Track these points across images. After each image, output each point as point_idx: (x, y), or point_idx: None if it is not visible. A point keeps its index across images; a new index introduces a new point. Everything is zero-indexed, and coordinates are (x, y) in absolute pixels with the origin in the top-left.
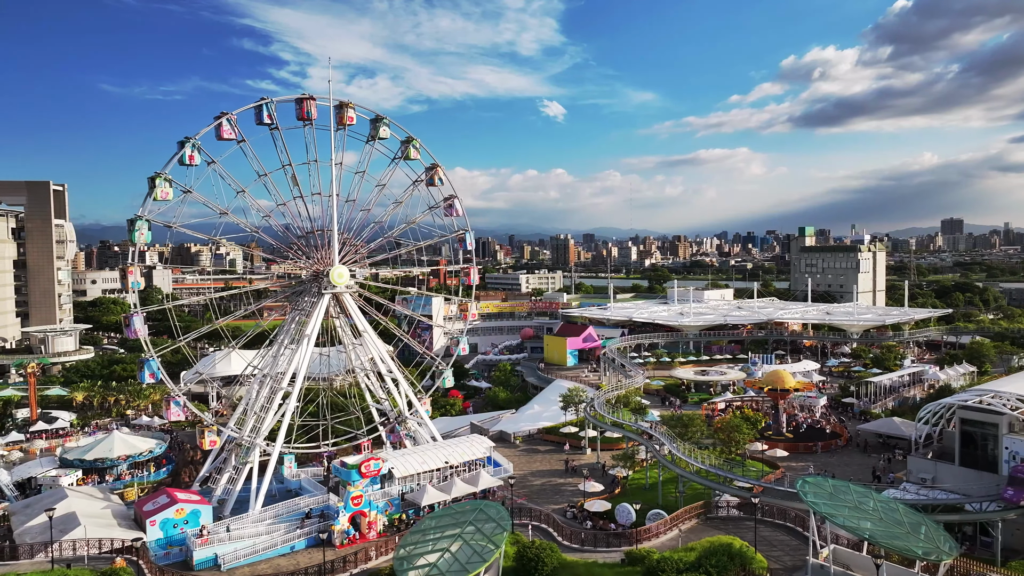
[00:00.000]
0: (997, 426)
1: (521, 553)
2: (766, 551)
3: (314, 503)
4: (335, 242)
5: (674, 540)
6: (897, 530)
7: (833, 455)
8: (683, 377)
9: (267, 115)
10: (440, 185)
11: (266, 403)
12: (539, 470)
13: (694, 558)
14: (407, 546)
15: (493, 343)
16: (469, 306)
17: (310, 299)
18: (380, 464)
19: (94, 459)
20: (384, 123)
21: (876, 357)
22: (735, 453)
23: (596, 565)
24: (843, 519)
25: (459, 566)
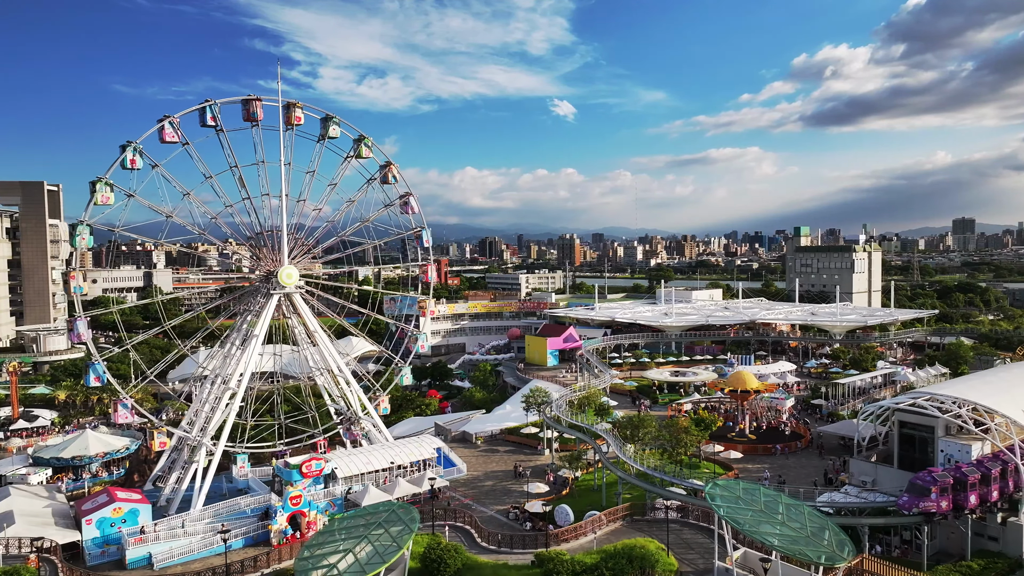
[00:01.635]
0: (934, 429)
1: (425, 555)
2: (683, 554)
3: (255, 503)
4: (284, 243)
5: (591, 542)
6: (798, 534)
7: (791, 457)
8: (654, 378)
9: (211, 117)
10: (394, 183)
11: (215, 403)
12: (494, 471)
13: (596, 560)
14: (313, 547)
15: (480, 343)
16: (427, 304)
17: (260, 300)
18: (322, 464)
19: (71, 457)
20: (334, 122)
21: (853, 358)
22: (683, 455)
23: (504, 567)
24: (746, 523)
25: (359, 567)
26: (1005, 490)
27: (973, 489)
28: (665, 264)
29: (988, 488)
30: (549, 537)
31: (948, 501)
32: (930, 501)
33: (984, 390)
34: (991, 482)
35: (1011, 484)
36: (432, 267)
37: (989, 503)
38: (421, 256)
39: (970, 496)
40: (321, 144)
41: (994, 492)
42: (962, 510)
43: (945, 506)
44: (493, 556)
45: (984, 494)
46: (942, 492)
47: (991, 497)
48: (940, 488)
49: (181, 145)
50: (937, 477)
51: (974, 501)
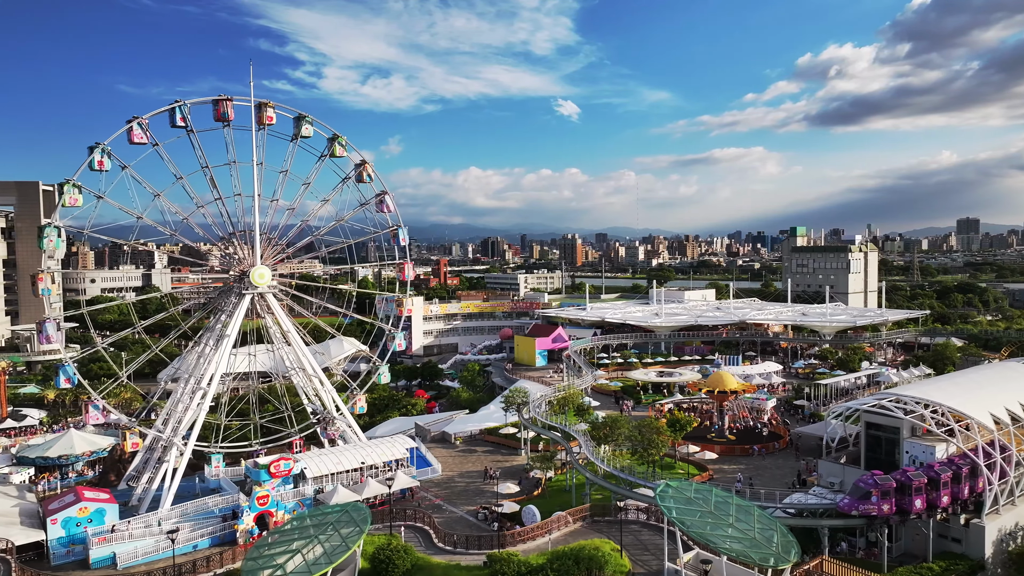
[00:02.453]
0: (899, 430)
1: (375, 555)
2: (639, 555)
3: (223, 503)
4: (257, 243)
5: (547, 543)
6: (745, 536)
7: (768, 458)
8: (638, 378)
9: (180, 118)
10: (369, 182)
11: (187, 403)
12: (469, 471)
13: (543, 561)
14: (263, 547)
15: (473, 343)
16: (404, 302)
17: (233, 299)
18: (291, 464)
19: (57, 456)
20: (307, 121)
21: (840, 359)
22: (656, 456)
23: (455, 568)
24: (693, 525)
25: (306, 567)
26: (958, 495)
27: (919, 493)
28: (667, 264)
29: (938, 493)
30: (505, 538)
31: (891, 505)
32: (870, 504)
33: (952, 391)
34: (941, 487)
35: (968, 487)
36: (409, 266)
37: (940, 507)
38: (398, 254)
39: (915, 500)
40: (294, 143)
41: (944, 497)
42: (907, 514)
43: (887, 509)
44: (448, 557)
45: (933, 498)
46: (884, 496)
47: (941, 502)
48: (881, 492)
49: (151, 146)
50: (879, 481)
51: (919, 505)
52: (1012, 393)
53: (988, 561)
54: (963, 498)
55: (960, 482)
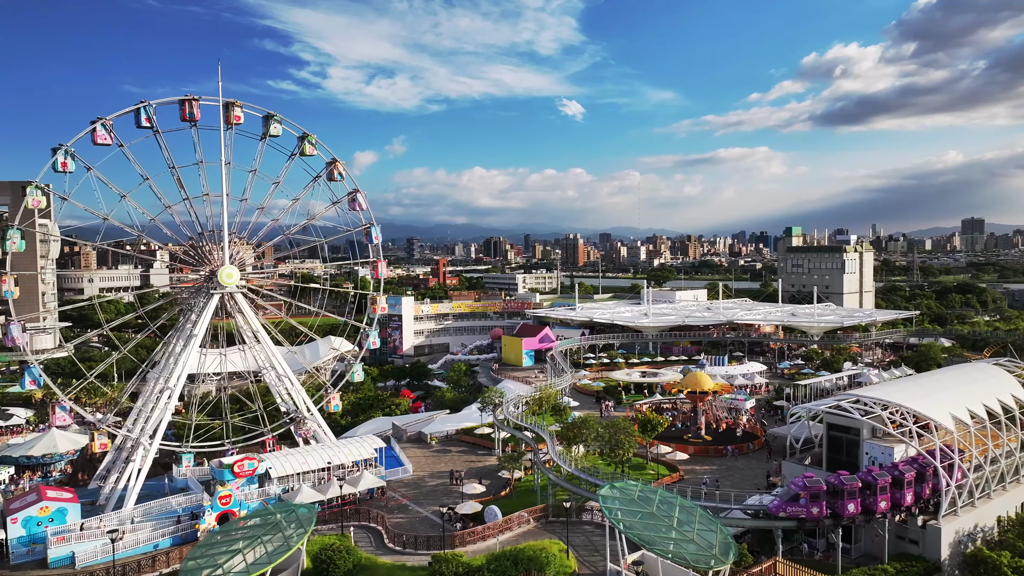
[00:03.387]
0: (859, 431)
1: (317, 555)
2: (588, 555)
3: (187, 502)
4: (226, 242)
5: (496, 543)
6: (683, 537)
7: (741, 459)
8: (620, 379)
9: (145, 118)
10: (340, 180)
11: (155, 402)
12: (441, 471)
13: (481, 562)
14: (205, 547)
15: (464, 343)
16: (378, 300)
17: (202, 299)
18: (255, 464)
19: (42, 455)
20: (276, 120)
21: (825, 360)
22: (622, 456)
23: (400, 568)
24: (632, 526)
25: (245, 567)
26: (899, 500)
27: (852, 497)
28: (668, 264)
29: (875, 497)
30: (455, 538)
31: (820, 508)
32: (799, 507)
33: (915, 393)
34: (878, 491)
35: (923, 488)
36: (382, 263)
37: (878, 512)
38: (371, 252)
39: (848, 504)
40: (263, 143)
41: (881, 502)
42: (840, 518)
43: (817, 512)
44: (396, 557)
45: (870, 503)
46: (813, 498)
47: (878, 507)
48: (811, 494)
49: (116, 147)
50: (809, 484)
51: (853, 510)
52: (977, 394)
53: (944, 563)
54: (914, 501)
55: (907, 486)
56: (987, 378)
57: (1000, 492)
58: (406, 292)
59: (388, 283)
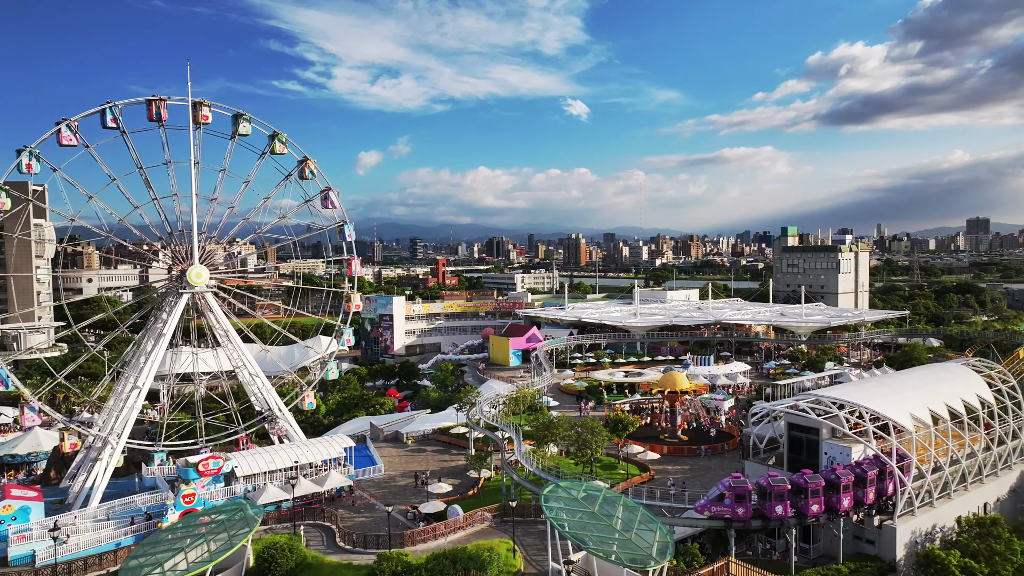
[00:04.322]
0: (819, 431)
1: (260, 554)
2: (537, 555)
3: (151, 500)
4: (195, 242)
5: (445, 543)
6: (620, 537)
7: (714, 459)
8: (601, 378)
9: (111, 119)
10: (312, 178)
11: (123, 401)
12: (413, 470)
13: (420, 561)
14: (148, 546)
15: (455, 343)
16: (352, 297)
17: (171, 299)
18: (220, 463)
19: (27, 453)
20: (245, 119)
21: (810, 360)
22: (588, 456)
23: (344, 567)
24: (571, 525)
25: (185, 565)
26: (834, 503)
27: (780, 499)
28: (670, 264)
29: (806, 500)
30: (406, 537)
31: (746, 509)
32: (723, 507)
33: (876, 393)
34: (811, 494)
35: (877, 489)
36: (356, 261)
37: (810, 514)
38: (345, 250)
39: (775, 507)
40: (232, 142)
41: (812, 505)
42: (768, 520)
43: (742, 513)
44: (345, 556)
45: (801, 506)
46: (738, 499)
47: (809, 510)
48: (736, 495)
49: (83, 147)
50: (734, 484)
51: (781, 512)
52: (940, 394)
53: (900, 563)
54: (857, 504)
55: (844, 490)
56: (953, 378)
57: (962, 492)
58: (404, 292)
59: (388, 283)
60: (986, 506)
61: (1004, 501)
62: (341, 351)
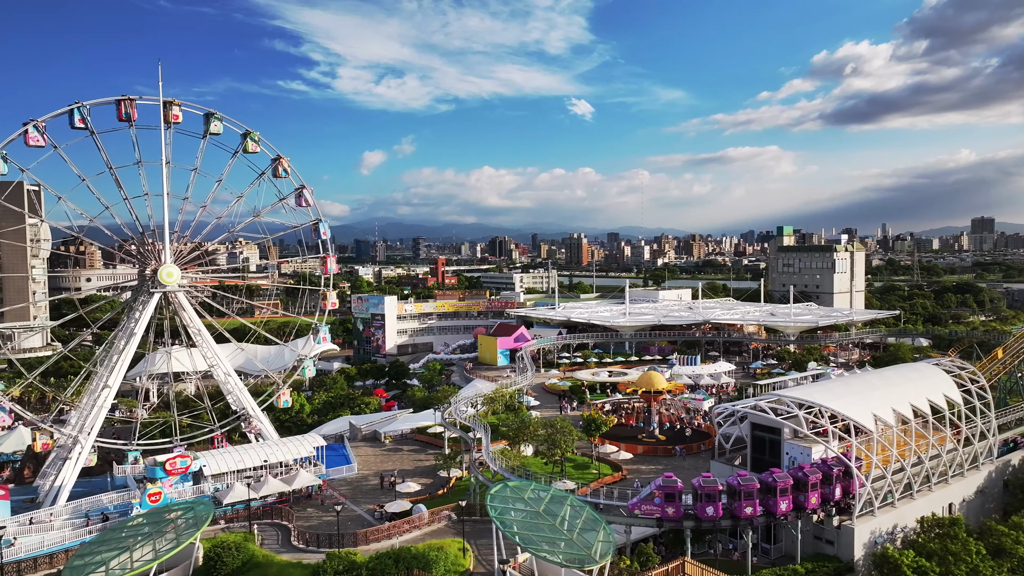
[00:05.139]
0: (780, 431)
1: (207, 552)
2: (489, 554)
3: (118, 499)
4: (167, 241)
5: (404, 541)
6: (562, 537)
7: (688, 459)
8: (583, 378)
9: (79, 119)
10: (285, 176)
11: (94, 400)
12: (387, 469)
13: (364, 560)
14: (93, 545)
15: (447, 342)
16: (328, 295)
17: (143, 298)
18: (188, 462)
19: (11, 452)
20: (216, 118)
21: (796, 360)
22: (557, 456)
23: (291, 565)
24: (513, 525)
25: (129, 564)
26: (771, 506)
27: (711, 500)
28: (672, 264)
29: (739, 502)
30: (358, 536)
31: (676, 509)
32: (653, 506)
33: (839, 393)
34: (741, 496)
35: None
36: (332, 259)
37: (743, 517)
38: (320, 247)
39: (707, 508)
40: (204, 141)
41: (746, 508)
42: (700, 520)
43: (672, 513)
44: (297, 555)
45: (734, 508)
46: (667, 499)
47: (743, 512)
48: (665, 495)
49: (51, 148)
50: (663, 483)
51: (711, 513)
52: (907, 394)
53: (858, 563)
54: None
55: (781, 494)
56: (922, 378)
57: (926, 493)
58: (404, 291)
59: (388, 282)
60: (951, 507)
61: (971, 501)
62: (331, 351)
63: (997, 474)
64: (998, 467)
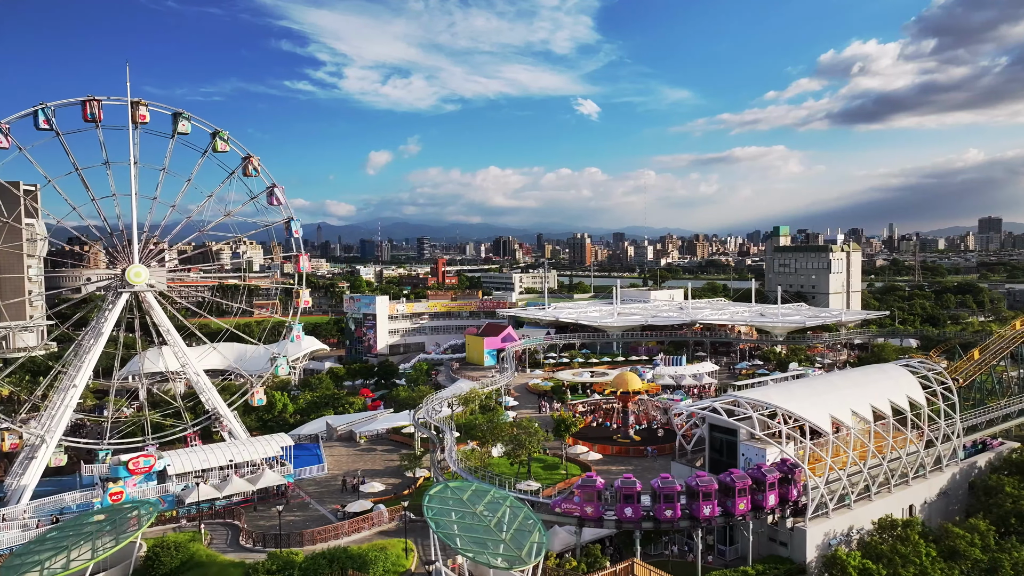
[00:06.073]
0: (737, 432)
1: (148, 552)
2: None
3: (80, 499)
4: (135, 241)
5: (354, 541)
6: (494, 538)
7: (659, 459)
8: (564, 379)
9: (44, 120)
10: (255, 175)
11: (61, 399)
12: (360, 469)
13: (301, 560)
14: (37, 543)
15: (438, 342)
16: (301, 293)
17: (111, 298)
18: (151, 461)
19: None
20: (184, 118)
21: (781, 361)
22: (522, 456)
23: (232, 565)
24: (445, 526)
25: (66, 563)
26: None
27: (630, 502)
28: (675, 264)
29: (698, 503)
30: (305, 536)
31: (594, 508)
32: (572, 504)
33: (799, 395)
34: (700, 497)
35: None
36: (304, 257)
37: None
38: (293, 246)
39: (665, 509)
40: (172, 140)
41: (705, 508)
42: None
43: (591, 512)
44: (242, 555)
45: (692, 509)
46: (587, 499)
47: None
48: (584, 494)
49: (19, 149)
50: (583, 483)
51: (630, 514)
52: (868, 395)
53: (811, 565)
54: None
55: (704, 498)
56: (886, 379)
57: (884, 494)
58: (403, 291)
59: (388, 282)
60: (911, 508)
61: (933, 503)
62: (321, 351)
63: (962, 476)
64: (963, 469)
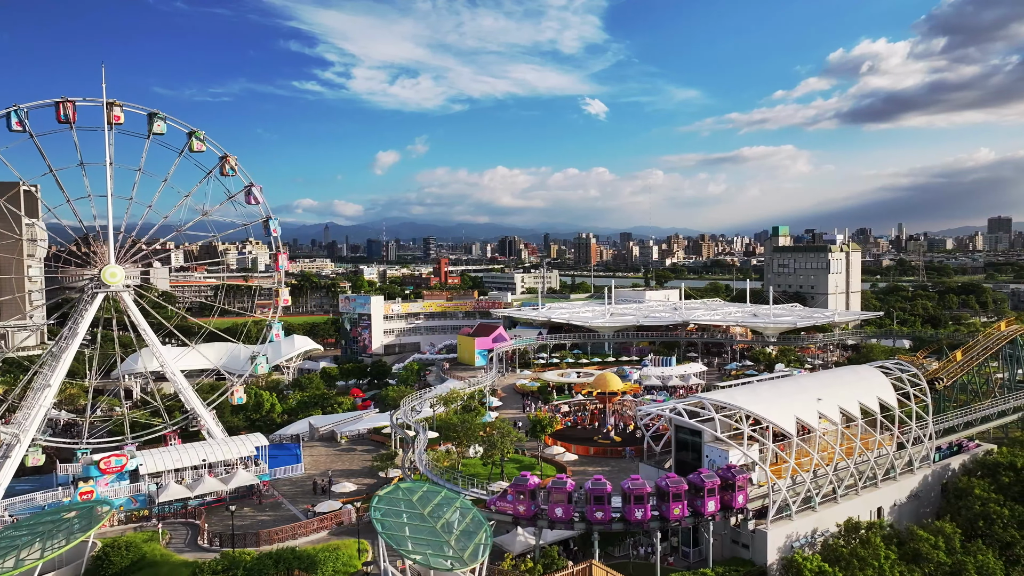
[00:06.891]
0: (702, 434)
1: (98, 552)
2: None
3: (52, 498)
4: (111, 241)
5: (310, 541)
6: (439, 540)
7: (637, 460)
8: (549, 379)
9: (16, 122)
10: (233, 175)
11: (35, 399)
12: (339, 469)
13: (248, 560)
14: None
15: (433, 342)
16: (280, 292)
17: (87, 298)
18: (123, 461)
19: None
20: (159, 118)
21: (770, 361)
22: (495, 457)
23: (183, 565)
24: (391, 527)
25: (13, 563)
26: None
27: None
28: (680, 264)
29: (667, 504)
30: (261, 536)
31: (526, 507)
32: (506, 503)
33: (765, 395)
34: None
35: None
36: (284, 255)
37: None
38: (273, 244)
39: (555, 509)
40: (148, 141)
41: (675, 509)
42: (553, 522)
43: (523, 511)
44: (197, 555)
45: (663, 510)
46: (518, 496)
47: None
48: (517, 492)
49: None
50: (516, 481)
51: (561, 514)
52: (838, 397)
53: (772, 567)
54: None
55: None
56: (858, 381)
57: (852, 496)
58: (405, 291)
59: (392, 282)
60: (879, 511)
61: (902, 506)
62: (315, 351)
63: (935, 478)
64: (936, 471)
